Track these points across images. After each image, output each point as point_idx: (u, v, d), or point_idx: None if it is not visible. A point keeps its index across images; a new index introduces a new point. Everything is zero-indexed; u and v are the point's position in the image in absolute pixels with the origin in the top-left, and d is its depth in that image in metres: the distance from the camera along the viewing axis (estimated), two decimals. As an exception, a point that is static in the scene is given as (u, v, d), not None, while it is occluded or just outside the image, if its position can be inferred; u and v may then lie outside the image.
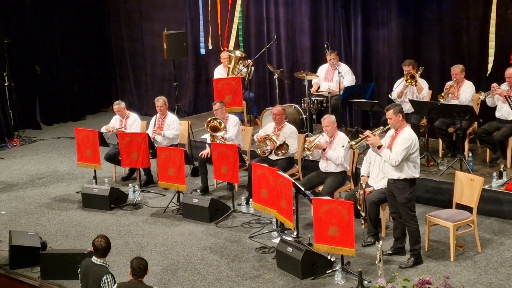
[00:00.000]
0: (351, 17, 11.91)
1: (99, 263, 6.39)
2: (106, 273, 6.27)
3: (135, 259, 6.22)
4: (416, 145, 7.42)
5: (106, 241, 6.41)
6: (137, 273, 6.16)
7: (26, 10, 14.36)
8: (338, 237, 7.18)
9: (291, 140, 9.48)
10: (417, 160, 7.47)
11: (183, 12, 14.27)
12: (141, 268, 6.15)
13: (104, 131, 10.59)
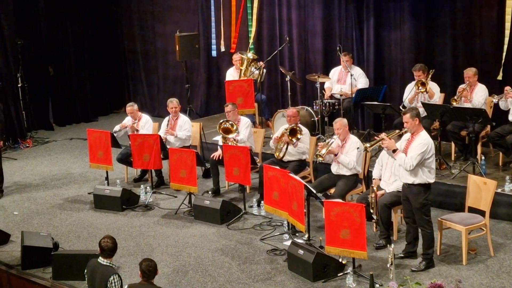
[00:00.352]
0: (363, 19, 11.88)
1: (105, 264, 6.41)
2: (113, 274, 6.29)
3: (143, 261, 6.23)
4: (432, 150, 7.38)
5: (113, 242, 6.42)
6: (147, 276, 6.17)
7: (39, 11, 14.43)
8: (349, 240, 7.16)
9: (302, 144, 9.47)
10: (432, 165, 7.43)
11: (195, 14, 14.29)
12: (150, 270, 6.16)
13: (118, 129, 10.61)
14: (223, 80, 12.63)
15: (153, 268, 6.18)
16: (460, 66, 10.68)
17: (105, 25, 15.72)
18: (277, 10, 12.94)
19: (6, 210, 9.92)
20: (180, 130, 10.53)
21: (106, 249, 6.40)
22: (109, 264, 6.42)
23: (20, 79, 13.78)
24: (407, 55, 11.51)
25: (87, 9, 15.21)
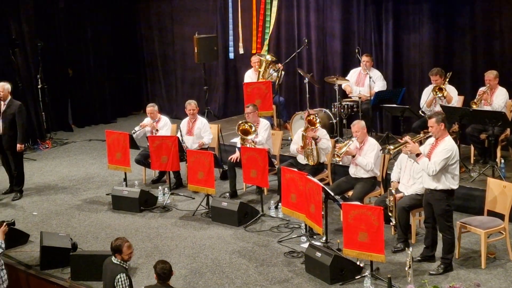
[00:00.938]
0: (382, 22, 11.85)
1: (115, 262, 6.49)
2: (121, 272, 6.35)
3: (158, 263, 6.25)
4: (456, 157, 7.31)
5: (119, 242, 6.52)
6: (162, 278, 6.19)
7: (59, 13, 14.54)
8: (367, 243, 7.13)
9: (325, 140, 9.45)
10: (455, 171, 7.35)
11: (214, 16, 14.33)
12: (165, 273, 6.19)
13: (138, 128, 10.65)
14: (241, 82, 12.64)
15: (167, 270, 6.20)
16: (480, 69, 10.63)
17: (124, 27, 15.81)
18: (296, 12, 12.94)
19: (25, 210, 9.99)
20: (200, 132, 10.55)
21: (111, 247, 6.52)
22: (119, 263, 6.48)
23: (39, 81, 13.89)
24: (426, 57, 11.46)
25: (107, 11, 15.31)
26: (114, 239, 6.61)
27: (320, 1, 12.57)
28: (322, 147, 9.44)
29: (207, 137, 10.58)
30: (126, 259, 6.55)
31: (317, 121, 9.35)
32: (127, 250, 6.52)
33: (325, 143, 9.46)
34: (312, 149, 9.42)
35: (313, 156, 9.44)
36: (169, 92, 15.65)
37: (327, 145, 9.48)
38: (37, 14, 14.01)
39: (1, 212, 9.91)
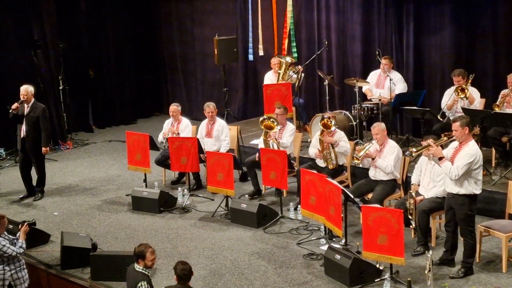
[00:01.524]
0: (403, 24, 11.80)
1: (137, 270, 6.50)
2: (142, 280, 6.36)
3: (178, 264, 6.26)
4: (479, 161, 7.24)
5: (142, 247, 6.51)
6: (183, 279, 6.20)
7: (81, 15, 14.65)
8: (387, 246, 7.10)
9: (343, 143, 9.43)
10: (479, 176, 7.29)
11: (234, 18, 14.35)
12: (186, 274, 6.20)
13: (162, 139, 10.68)
14: (261, 84, 12.65)
15: (188, 271, 6.21)
16: (502, 71, 10.54)
17: (145, 28, 15.89)
18: (316, 14, 12.92)
19: (46, 210, 10.07)
20: (218, 135, 10.57)
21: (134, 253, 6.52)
22: (141, 270, 6.48)
23: (61, 82, 13.99)
24: (447, 59, 11.39)
25: (128, 13, 15.40)
26: (137, 244, 6.60)
27: (341, 3, 12.54)
28: (340, 150, 9.42)
29: (224, 144, 10.57)
30: (149, 265, 6.53)
31: (332, 123, 9.32)
32: (150, 256, 6.51)
33: (343, 146, 9.43)
34: (330, 153, 9.39)
35: (331, 160, 9.41)
36: (189, 93, 15.70)
37: (345, 149, 9.45)
38: (59, 16, 14.13)
39: (23, 212, 9.99)
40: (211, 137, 10.64)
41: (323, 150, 9.40)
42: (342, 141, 9.45)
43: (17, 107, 10.15)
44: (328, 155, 9.41)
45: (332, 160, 9.41)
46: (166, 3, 15.72)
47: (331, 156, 9.41)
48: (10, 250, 7.16)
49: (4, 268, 7.22)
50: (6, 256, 7.18)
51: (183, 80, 15.76)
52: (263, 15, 13.68)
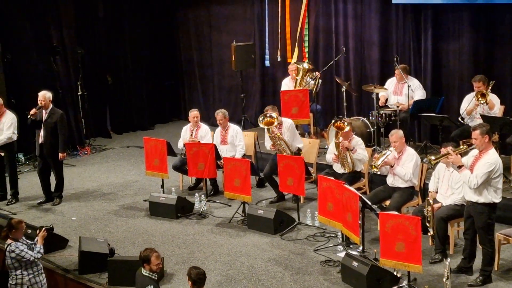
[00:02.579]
0: (421, 30, 11.76)
1: (144, 274, 6.54)
2: (149, 284, 6.39)
3: (191, 270, 6.27)
4: (499, 170, 7.18)
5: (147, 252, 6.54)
6: (198, 284, 6.22)
7: (99, 21, 14.74)
8: (404, 253, 7.06)
9: (360, 150, 9.40)
10: (498, 185, 7.23)
11: (251, 24, 14.38)
12: (201, 278, 6.22)
13: (181, 146, 10.70)
14: (278, 90, 12.64)
15: (202, 275, 6.23)
16: (521, 78, 10.49)
17: (163, 34, 15.95)
18: (334, 20, 12.92)
19: (64, 215, 10.12)
20: (233, 141, 10.59)
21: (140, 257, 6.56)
22: (148, 274, 6.52)
23: (79, 88, 14.08)
24: (465, 66, 11.34)
25: (145, 19, 15.47)
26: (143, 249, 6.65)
27: (359, 9, 12.53)
28: (358, 157, 9.39)
29: (238, 149, 10.58)
30: (155, 269, 6.55)
31: (345, 124, 9.29)
32: (155, 260, 6.54)
33: (361, 153, 9.40)
34: (346, 156, 9.36)
35: (348, 164, 9.38)
36: (206, 99, 15.73)
37: (362, 156, 9.42)
38: (78, 22, 14.23)
39: (41, 217, 10.05)
40: (226, 144, 10.65)
41: (339, 154, 9.37)
42: (359, 148, 9.42)
43: (35, 113, 10.22)
44: (344, 159, 9.37)
45: (349, 163, 9.38)
46: (184, 9, 15.77)
47: (347, 159, 9.37)
48: (28, 255, 7.22)
49: (22, 272, 7.28)
50: (24, 261, 7.24)
51: (200, 86, 15.80)
52: (282, 21, 13.68)
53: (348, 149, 9.30)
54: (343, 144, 9.29)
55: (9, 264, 7.26)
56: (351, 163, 9.38)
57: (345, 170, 9.43)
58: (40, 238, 7.47)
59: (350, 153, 9.33)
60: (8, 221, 7.53)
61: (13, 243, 7.24)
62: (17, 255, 7.19)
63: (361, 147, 9.49)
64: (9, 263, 7.26)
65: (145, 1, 15.40)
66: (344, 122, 9.31)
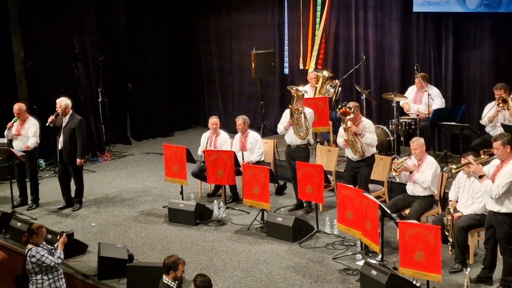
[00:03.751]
0: (442, 39, 11.72)
1: (165, 282, 6.56)
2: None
3: (197, 277, 6.29)
4: None
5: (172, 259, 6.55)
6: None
7: (120, 29, 14.84)
8: (424, 262, 7.03)
9: (368, 134, 9.32)
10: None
11: (272, 32, 14.41)
12: (206, 285, 6.23)
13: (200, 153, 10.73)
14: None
15: (207, 282, 6.25)
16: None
17: (183, 42, 16.02)
18: (354, 28, 12.91)
19: (84, 221, 10.18)
20: (252, 148, 10.60)
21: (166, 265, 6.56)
22: (168, 283, 6.54)
23: (100, 94, 14.17)
24: (486, 75, 11.27)
25: (166, 27, 15.55)
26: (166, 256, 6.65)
27: (379, 18, 12.51)
28: (366, 142, 9.29)
29: (255, 155, 10.58)
30: (179, 276, 6.59)
31: (351, 110, 9.19)
32: (182, 267, 6.60)
33: (369, 137, 9.31)
34: (356, 141, 9.28)
35: (358, 149, 9.32)
36: (226, 106, 15.77)
37: (371, 140, 9.33)
38: (99, 29, 14.34)
39: (61, 222, 10.12)
40: (246, 150, 10.67)
41: (348, 139, 9.33)
42: (368, 132, 9.33)
43: (53, 120, 10.31)
44: (354, 144, 9.32)
45: (358, 148, 9.32)
46: (204, 17, 15.85)
47: (357, 145, 9.32)
48: (48, 260, 7.27)
49: (42, 277, 7.33)
50: (45, 266, 7.29)
51: (220, 93, 15.84)
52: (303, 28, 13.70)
53: (356, 134, 9.25)
54: (351, 129, 9.24)
55: (29, 268, 7.32)
56: (360, 148, 9.32)
57: (356, 155, 9.37)
58: (61, 244, 7.52)
59: (359, 137, 9.27)
60: (28, 226, 7.59)
61: (34, 248, 7.30)
62: (38, 260, 7.24)
63: (370, 130, 9.39)
64: (30, 268, 7.31)
65: (166, 9, 15.48)
66: (349, 107, 9.21)
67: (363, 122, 9.43)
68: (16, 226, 9.30)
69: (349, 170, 9.54)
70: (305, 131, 9.89)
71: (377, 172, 9.78)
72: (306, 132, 9.90)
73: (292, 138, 10.00)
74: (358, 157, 9.34)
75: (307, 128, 9.89)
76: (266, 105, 14.08)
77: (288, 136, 10.06)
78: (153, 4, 15.21)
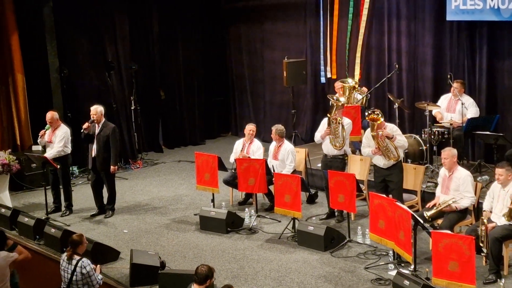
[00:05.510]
0: (476, 47, 11.61)
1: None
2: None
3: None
4: None
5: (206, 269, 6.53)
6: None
7: (153, 38, 14.97)
8: (458, 273, 6.95)
9: (399, 137, 9.26)
10: None
11: (304, 41, 14.42)
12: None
13: (233, 160, 10.77)
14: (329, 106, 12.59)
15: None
16: None
17: (215, 50, 16.12)
18: (386, 38, 12.86)
19: (116, 228, 10.26)
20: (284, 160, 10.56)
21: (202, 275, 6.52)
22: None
23: (133, 102, 14.31)
24: (521, 84, 11.15)
25: (198, 36, 15.66)
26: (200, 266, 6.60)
27: (412, 27, 12.45)
28: (399, 144, 9.23)
29: (287, 168, 10.53)
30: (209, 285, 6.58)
31: (379, 115, 9.15)
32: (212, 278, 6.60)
33: (401, 140, 9.25)
34: (388, 145, 9.21)
35: (392, 152, 9.23)
36: (257, 115, 15.80)
37: (402, 142, 9.27)
38: (132, 38, 14.48)
39: (94, 229, 10.21)
40: (277, 160, 10.66)
41: (380, 145, 9.26)
42: (397, 134, 9.27)
43: (88, 126, 10.42)
44: (387, 149, 9.23)
45: (392, 152, 9.24)
46: (236, 26, 15.93)
47: (390, 148, 9.24)
48: (94, 277, 7.30)
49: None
50: (90, 282, 7.29)
51: (251, 101, 15.89)
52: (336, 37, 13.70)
53: (388, 137, 9.18)
54: (382, 134, 9.17)
55: (78, 280, 7.27)
56: (395, 150, 9.24)
57: (391, 160, 9.27)
58: (98, 269, 7.57)
59: (391, 141, 9.19)
60: (70, 239, 7.53)
61: (85, 259, 7.33)
62: (88, 272, 7.24)
63: (398, 133, 9.33)
64: (78, 279, 7.27)
65: (198, 18, 15.59)
66: (377, 113, 9.18)
67: (389, 127, 9.39)
68: (50, 233, 9.40)
69: (379, 177, 9.47)
70: (342, 141, 9.87)
71: (410, 181, 9.70)
72: (342, 142, 9.87)
73: (329, 148, 9.97)
74: (393, 162, 9.27)
75: (344, 138, 9.86)
76: (297, 114, 14.08)
77: (325, 145, 10.03)
78: (186, 14, 15.32)
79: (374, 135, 9.23)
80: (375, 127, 9.20)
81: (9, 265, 7.49)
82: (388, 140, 9.19)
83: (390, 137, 9.17)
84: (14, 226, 10.14)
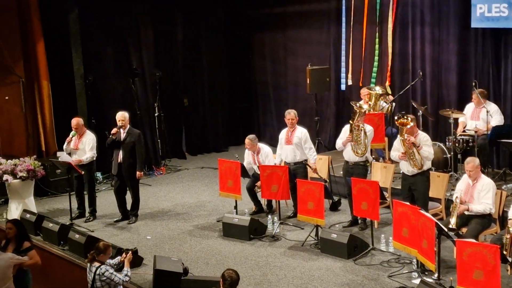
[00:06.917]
0: (501, 55, 11.53)
1: None
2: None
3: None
4: None
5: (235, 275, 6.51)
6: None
7: (177, 45, 15.06)
8: (483, 282, 6.89)
9: (426, 147, 9.18)
10: None
11: (327, 48, 14.42)
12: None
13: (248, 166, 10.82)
14: (352, 114, 12.58)
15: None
16: None
17: (238, 57, 16.17)
18: (411, 45, 12.82)
19: (140, 234, 10.31)
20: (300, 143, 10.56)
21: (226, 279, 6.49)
22: None
23: (157, 109, 14.40)
24: (547, 92, 11.05)
25: (222, 43, 15.73)
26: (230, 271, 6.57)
27: (436, 34, 12.40)
28: (424, 155, 9.15)
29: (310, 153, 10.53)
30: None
31: (408, 120, 9.09)
32: None
33: (426, 150, 9.16)
34: (414, 153, 9.15)
35: (416, 160, 9.18)
36: (280, 121, 15.73)
37: (427, 153, 9.18)
38: (157, 45, 14.59)
39: (118, 235, 10.27)
40: (291, 144, 10.60)
41: (406, 151, 9.22)
42: (425, 145, 9.22)
43: (116, 132, 10.49)
44: (412, 156, 9.19)
45: (417, 160, 9.19)
46: (259, 33, 15.96)
47: (415, 156, 9.19)
48: (117, 278, 7.36)
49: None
50: (114, 284, 7.35)
51: (274, 108, 15.90)
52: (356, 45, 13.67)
53: (414, 145, 9.13)
54: (409, 140, 9.13)
55: (98, 286, 7.36)
56: (420, 159, 9.19)
57: (414, 168, 9.22)
58: (127, 262, 7.60)
59: (417, 149, 9.14)
60: (96, 245, 7.62)
61: (103, 266, 7.39)
62: (107, 278, 7.32)
63: (427, 143, 9.25)
64: (99, 286, 7.36)
65: (222, 25, 15.67)
66: (407, 118, 9.13)
67: (420, 135, 9.32)
68: (74, 238, 9.48)
69: (405, 185, 9.42)
70: (363, 148, 9.84)
71: (434, 189, 9.64)
72: (364, 149, 9.84)
73: (350, 155, 9.95)
74: (416, 170, 9.21)
75: (366, 145, 9.83)
76: (320, 121, 14.07)
77: (346, 152, 10.02)
78: (210, 20, 15.41)
79: (402, 140, 9.19)
80: (404, 131, 9.16)
81: (13, 266, 7.58)
82: (415, 148, 9.14)
83: (416, 145, 9.13)
84: (38, 231, 10.24)
